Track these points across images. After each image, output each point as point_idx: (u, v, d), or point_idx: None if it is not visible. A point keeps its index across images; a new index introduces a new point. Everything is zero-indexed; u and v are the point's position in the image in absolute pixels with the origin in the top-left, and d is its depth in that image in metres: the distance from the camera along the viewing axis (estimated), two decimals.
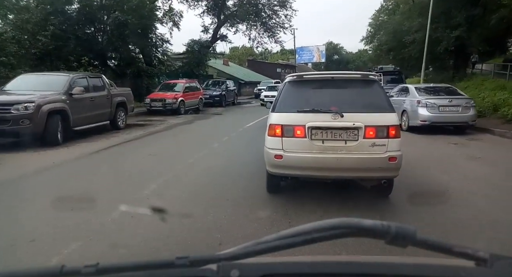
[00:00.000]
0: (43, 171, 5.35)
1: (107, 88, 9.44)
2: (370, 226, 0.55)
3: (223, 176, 4.99)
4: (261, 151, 3.90)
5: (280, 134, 3.50)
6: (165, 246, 2.80)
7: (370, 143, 3.38)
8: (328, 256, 1.23)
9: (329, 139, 3.46)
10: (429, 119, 8.96)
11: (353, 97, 3.78)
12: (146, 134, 9.40)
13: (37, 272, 0.59)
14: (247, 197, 4.02)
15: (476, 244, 2.83)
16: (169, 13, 22.17)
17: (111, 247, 2.78)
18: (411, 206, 3.73)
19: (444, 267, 0.67)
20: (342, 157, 3.39)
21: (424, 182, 4.78)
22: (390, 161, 3.36)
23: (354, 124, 3.39)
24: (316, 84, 3.98)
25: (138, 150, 7.30)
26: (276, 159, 3.48)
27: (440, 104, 8.95)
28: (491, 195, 4.15)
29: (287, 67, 48.45)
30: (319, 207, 3.63)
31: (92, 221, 3.25)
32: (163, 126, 10.99)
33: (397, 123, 3.50)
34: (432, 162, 6.03)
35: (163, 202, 3.93)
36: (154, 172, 5.17)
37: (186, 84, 16.16)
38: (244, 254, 0.58)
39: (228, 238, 2.91)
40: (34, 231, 3.03)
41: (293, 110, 3.58)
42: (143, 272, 0.58)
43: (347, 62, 74.82)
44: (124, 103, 10.20)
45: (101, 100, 9.07)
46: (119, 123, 9.95)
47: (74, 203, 3.69)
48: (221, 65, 36.21)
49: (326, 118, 3.44)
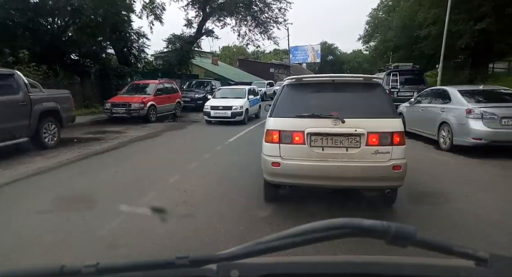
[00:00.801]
0: None
1: (24, 91, 6.49)
2: (370, 226, 0.54)
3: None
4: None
5: (278, 141, 3.36)
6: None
7: (373, 151, 3.23)
8: (328, 256, 1.25)
9: (329, 146, 3.31)
10: (486, 137, 6.24)
11: (355, 101, 3.60)
12: (78, 157, 6.47)
13: (37, 271, 0.59)
14: None
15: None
16: (149, 5, 19.30)
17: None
18: None
19: (444, 267, 0.69)
20: (343, 165, 3.23)
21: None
22: (394, 170, 3.19)
23: (356, 130, 3.24)
24: (316, 87, 3.78)
25: (37, 196, 4.37)
26: (274, 166, 3.35)
27: (503, 115, 6.23)
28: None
29: (280, 67, 45.73)
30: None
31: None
32: (114, 143, 8.07)
33: (401, 130, 3.32)
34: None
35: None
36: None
37: (159, 85, 13.26)
38: (244, 254, 0.58)
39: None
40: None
41: (291, 115, 3.44)
42: (143, 272, 0.58)
43: (342, 63, 72.97)
44: (56, 112, 7.27)
45: (9, 108, 6.12)
46: (45, 140, 7.00)
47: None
48: (210, 64, 33.43)
49: (326, 123, 3.30)
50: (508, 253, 0.65)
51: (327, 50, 70.74)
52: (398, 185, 3.35)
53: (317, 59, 55.02)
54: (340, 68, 70.25)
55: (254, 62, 44.89)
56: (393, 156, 3.21)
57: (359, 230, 0.55)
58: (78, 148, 7.24)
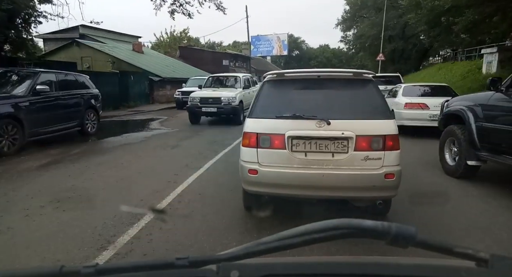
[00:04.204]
0: None
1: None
2: (370, 227, 0.54)
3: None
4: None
5: (255, 145, 2.97)
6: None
7: (362, 157, 2.86)
8: (328, 257, 1.21)
9: (313, 151, 2.92)
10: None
11: (343, 100, 3.22)
12: None
13: (36, 272, 0.59)
14: None
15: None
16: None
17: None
18: None
19: (444, 268, 0.69)
20: (329, 173, 2.85)
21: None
22: (386, 178, 2.83)
23: (343, 133, 2.86)
24: (299, 84, 3.36)
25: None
26: (250, 174, 2.96)
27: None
28: None
29: (238, 59, 35.11)
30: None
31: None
32: None
33: (395, 132, 2.92)
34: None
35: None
36: None
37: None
38: (244, 254, 0.57)
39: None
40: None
41: (271, 115, 3.03)
42: (142, 272, 0.58)
43: (309, 59, 64.53)
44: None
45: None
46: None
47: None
48: (130, 51, 22.07)
49: (309, 125, 2.91)
50: (509, 253, 0.65)
51: (294, 44, 61.65)
52: (391, 195, 2.98)
53: (284, 51, 44.95)
54: (307, 64, 62.21)
55: (200, 51, 33.35)
56: (386, 163, 2.85)
57: (359, 231, 0.55)
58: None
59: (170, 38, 39.08)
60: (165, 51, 33.00)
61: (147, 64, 20.82)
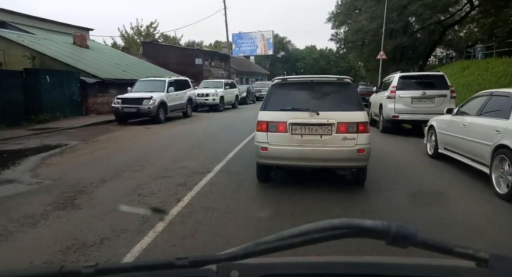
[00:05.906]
0: None
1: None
2: (370, 227, 0.54)
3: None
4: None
5: (266, 130, 4.25)
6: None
7: (341, 137, 4.12)
8: (328, 257, 1.23)
9: (307, 134, 4.20)
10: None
11: (329, 97, 4.49)
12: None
13: (36, 272, 0.58)
14: None
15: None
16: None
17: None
18: None
19: (444, 268, 0.69)
20: (318, 149, 4.14)
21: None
22: (359, 153, 4.08)
23: (328, 121, 4.12)
24: (297, 86, 4.70)
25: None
26: (262, 151, 4.25)
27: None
28: None
29: (214, 58, 30.01)
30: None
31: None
32: None
33: (366, 120, 4.20)
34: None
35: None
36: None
37: None
38: (244, 254, 0.57)
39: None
40: None
41: (277, 108, 4.33)
42: (142, 272, 0.57)
43: (296, 60, 60.07)
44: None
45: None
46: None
47: None
48: (70, 45, 16.82)
49: (304, 115, 4.18)
50: (509, 253, 0.65)
51: (279, 44, 57.04)
52: (363, 165, 4.25)
53: (269, 50, 40.33)
54: (293, 66, 57.76)
55: (168, 47, 27.96)
56: (358, 142, 4.10)
57: (360, 231, 0.54)
58: None
59: (136, 33, 33.53)
60: (122, 47, 27.56)
61: (87, 62, 15.64)
